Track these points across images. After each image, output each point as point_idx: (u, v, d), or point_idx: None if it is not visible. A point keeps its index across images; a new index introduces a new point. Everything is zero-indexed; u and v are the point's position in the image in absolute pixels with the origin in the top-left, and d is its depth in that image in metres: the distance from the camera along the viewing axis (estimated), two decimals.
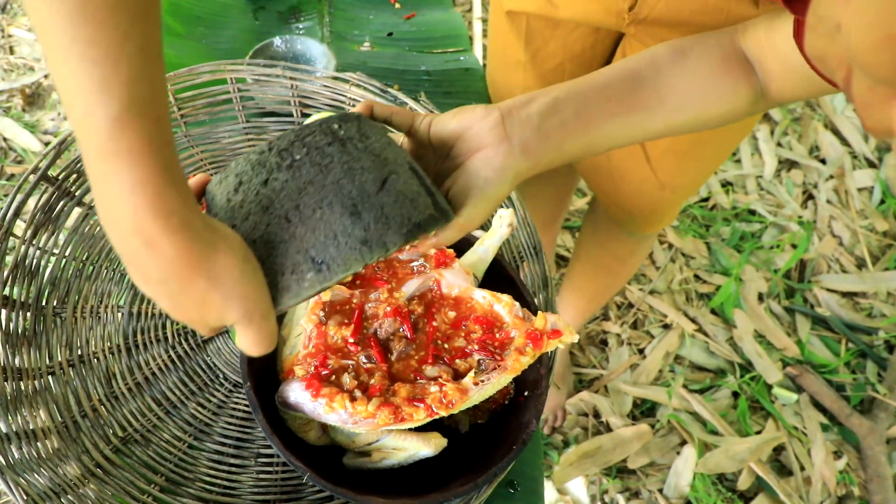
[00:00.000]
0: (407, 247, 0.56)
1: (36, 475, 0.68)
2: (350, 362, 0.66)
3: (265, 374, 0.73)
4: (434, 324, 0.70)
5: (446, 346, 0.69)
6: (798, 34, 0.56)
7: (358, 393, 0.63)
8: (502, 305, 0.70)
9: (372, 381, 0.64)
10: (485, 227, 0.84)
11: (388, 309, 0.68)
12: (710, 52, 0.65)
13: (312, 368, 0.65)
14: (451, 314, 0.70)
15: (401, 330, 0.68)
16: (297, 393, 0.64)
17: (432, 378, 0.66)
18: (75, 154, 0.85)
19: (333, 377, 0.65)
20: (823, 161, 2.07)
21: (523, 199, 0.88)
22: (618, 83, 0.64)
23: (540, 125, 0.61)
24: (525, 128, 0.60)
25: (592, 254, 1.35)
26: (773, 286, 1.81)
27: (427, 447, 0.66)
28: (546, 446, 1.53)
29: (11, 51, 2.07)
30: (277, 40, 1.09)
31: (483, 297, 0.71)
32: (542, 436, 1.54)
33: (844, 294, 1.82)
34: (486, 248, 0.78)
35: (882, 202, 2.00)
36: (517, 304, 0.70)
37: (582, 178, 1.27)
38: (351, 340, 0.67)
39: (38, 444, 0.70)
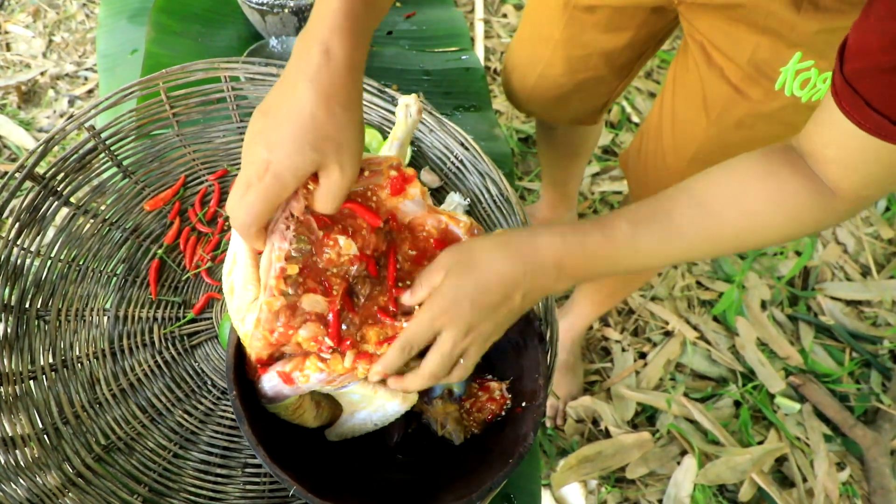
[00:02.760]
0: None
1: (13, 485, 0.65)
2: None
3: (252, 382, 0.71)
4: (397, 258, 0.67)
5: (409, 282, 0.65)
6: (839, 95, 0.50)
7: (326, 354, 0.60)
8: (460, 227, 0.68)
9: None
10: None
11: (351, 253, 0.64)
12: (750, 156, 0.60)
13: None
14: (412, 253, 0.67)
15: (364, 272, 0.64)
16: (272, 384, 0.62)
17: (405, 313, 0.63)
18: (63, 152, 0.83)
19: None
20: None
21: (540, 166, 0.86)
22: (652, 213, 0.60)
23: (545, 227, 0.60)
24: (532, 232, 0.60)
25: None
26: (777, 294, 1.78)
27: (395, 399, 0.64)
28: (543, 454, 1.51)
29: (8, 47, 2.05)
30: (273, 40, 1.07)
31: (439, 221, 0.68)
32: (542, 440, 1.51)
33: (849, 302, 1.79)
34: (399, 143, 0.76)
35: (887, 210, 1.97)
36: (477, 225, 0.69)
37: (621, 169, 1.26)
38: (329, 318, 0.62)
39: (17, 451, 0.68)
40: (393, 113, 0.97)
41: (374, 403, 0.65)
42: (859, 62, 0.48)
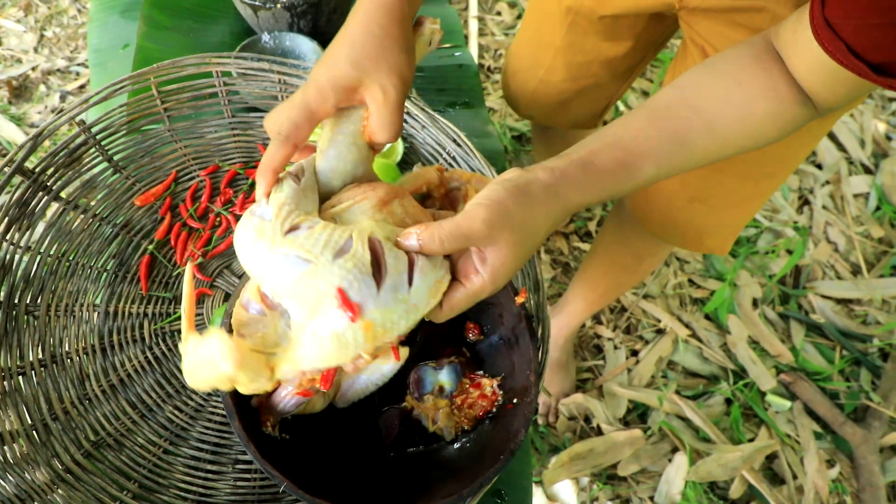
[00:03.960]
0: None
1: (1, 481, 0.65)
2: None
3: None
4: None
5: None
6: (819, 34, 0.53)
7: None
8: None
9: None
10: None
11: None
12: (739, 51, 0.61)
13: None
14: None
15: None
16: (293, 401, 0.62)
17: None
18: (53, 147, 0.82)
19: None
20: (819, 166, 2.06)
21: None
22: (649, 118, 0.61)
23: (572, 174, 0.58)
24: (553, 175, 0.57)
25: (612, 249, 1.33)
26: (768, 292, 1.79)
27: (388, 361, 0.62)
28: (535, 451, 1.51)
29: None
30: (266, 36, 1.07)
31: None
32: (534, 437, 1.51)
33: (839, 301, 1.81)
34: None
35: (878, 208, 1.98)
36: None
37: None
38: None
39: (6, 447, 0.68)
40: None
41: (369, 367, 0.64)
42: (843, 14, 0.50)
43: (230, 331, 0.66)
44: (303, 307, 0.53)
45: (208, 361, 0.52)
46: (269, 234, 0.54)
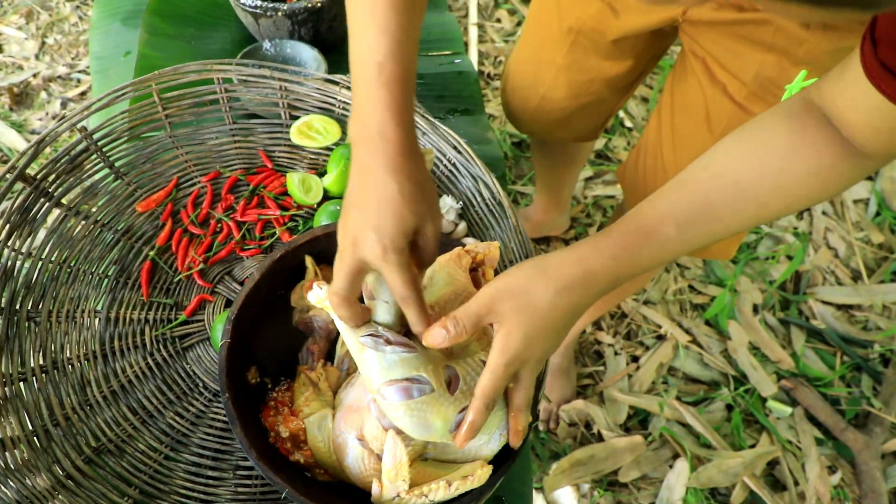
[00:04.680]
0: None
1: (2, 487, 0.65)
2: None
3: (244, 384, 0.71)
4: None
5: None
6: (874, 76, 0.50)
7: None
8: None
9: None
10: None
11: None
12: (770, 113, 0.59)
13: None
14: None
15: None
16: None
17: None
18: (55, 153, 0.83)
19: None
20: None
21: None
22: (671, 185, 0.60)
23: (583, 244, 0.59)
24: (564, 251, 0.59)
25: None
26: (768, 298, 1.79)
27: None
28: (536, 458, 1.51)
29: (0, 49, 2.04)
30: (267, 43, 1.07)
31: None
32: (535, 443, 1.51)
33: (840, 306, 1.80)
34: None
35: (878, 214, 1.98)
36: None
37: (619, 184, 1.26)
38: None
39: (7, 454, 0.68)
40: None
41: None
42: (894, 50, 0.48)
43: (231, 337, 0.67)
44: None
45: None
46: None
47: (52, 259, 0.82)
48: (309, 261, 0.77)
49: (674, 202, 0.59)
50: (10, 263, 0.77)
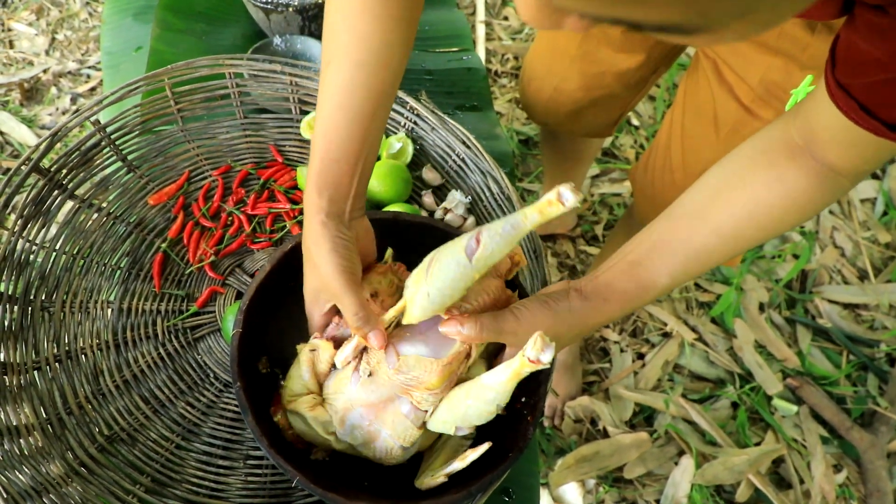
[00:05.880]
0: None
1: (17, 473, 0.66)
2: None
3: (255, 374, 0.71)
4: None
5: None
6: (834, 94, 0.52)
7: None
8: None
9: None
10: None
11: None
12: (747, 146, 0.63)
13: None
14: None
15: None
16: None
17: None
18: (69, 145, 0.84)
19: None
20: None
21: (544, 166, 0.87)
22: (662, 237, 0.66)
23: (595, 299, 0.65)
24: (580, 297, 0.65)
25: None
26: (775, 296, 1.79)
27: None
28: (542, 453, 1.51)
29: (11, 45, 2.06)
30: (277, 39, 1.08)
31: None
32: (540, 439, 1.52)
33: (846, 305, 1.80)
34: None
35: (885, 214, 1.98)
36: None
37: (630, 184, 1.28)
38: None
39: (21, 441, 0.69)
40: (395, 111, 0.98)
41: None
42: (850, 72, 0.50)
43: (243, 327, 0.67)
44: None
45: None
46: None
47: (66, 250, 0.83)
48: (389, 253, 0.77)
49: (668, 259, 0.65)
50: (24, 254, 0.78)
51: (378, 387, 0.64)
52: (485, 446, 0.64)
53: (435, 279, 0.58)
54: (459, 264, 0.57)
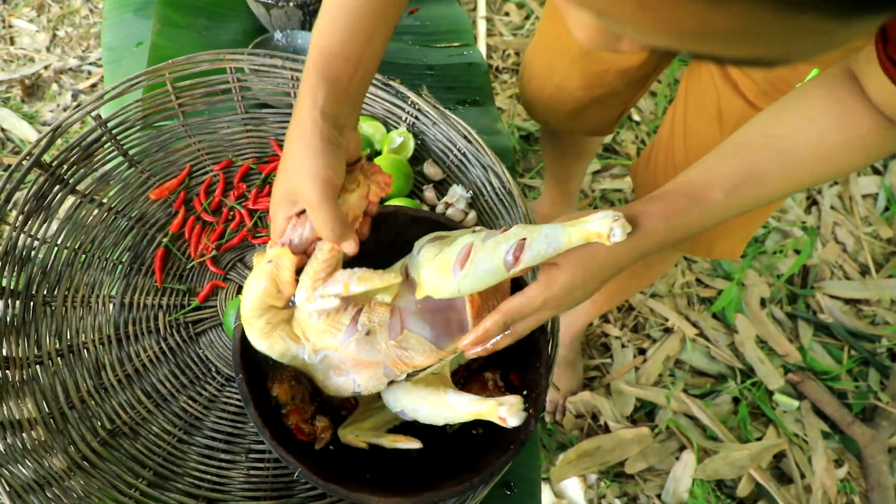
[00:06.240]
0: None
1: (20, 466, 0.66)
2: None
3: (258, 366, 0.71)
4: None
5: None
6: (887, 69, 0.52)
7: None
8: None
9: None
10: None
11: None
12: (812, 84, 0.61)
13: None
14: None
15: None
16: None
17: None
18: (70, 141, 0.84)
19: None
20: None
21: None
22: (717, 154, 0.62)
23: (643, 208, 0.60)
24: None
25: None
26: (776, 291, 1.79)
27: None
28: (543, 448, 1.51)
29: (12, 41, 2.06)
30: (278, 34, 1.08)
31: None
32: (542, 434, 1.52)
33: (847, 301, 1.80)
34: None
35: (886, 209, 1.98)
36: None
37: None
38: None
39: (24, 434, 0.69)
40: (396, 105, 0.98)
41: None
42: None
43: (244, 332, 0.68)
44: None
45: None
46: None
47: (68, 245, 0.83)
48: None
49: (721, 169, 0.60)
50: (26, 249, 0.78)
51: (372, 349, 0.65)
52: (415, 443, 0.66)
53: (467, 279, 0.60)
54: (497, 272, 0.59)
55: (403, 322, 0.65)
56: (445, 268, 0.61)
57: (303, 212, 0.65)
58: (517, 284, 0.71)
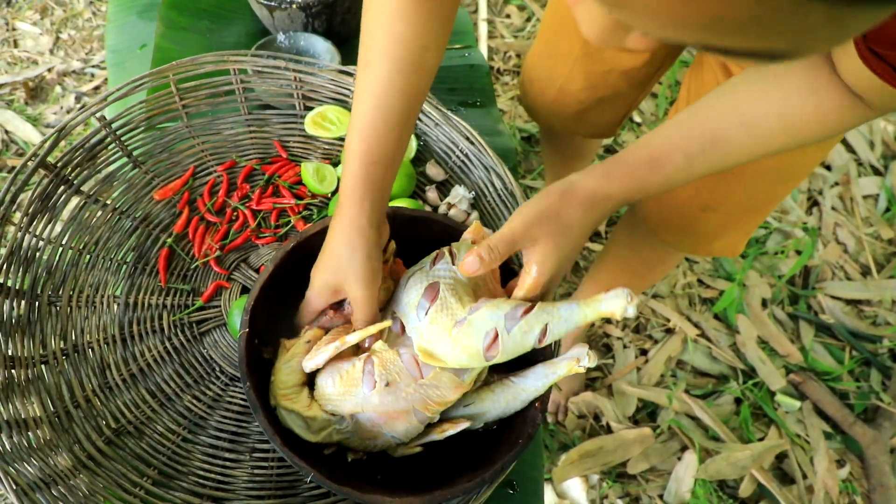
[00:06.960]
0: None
1: (26, 465, 0.66)
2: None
3: (265, 373, 0.72)
4: None
5: None
6: (866, 59, 0.52)
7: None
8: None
9: None
10: None
11: None
12: (792, 71, 0.61)
13: None
14: None
15: None
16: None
17: None
18: (74, 142, 0.84)
19: None
20: (829, 168, 2.06)
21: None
22: (681, 117, 0.63)
23: (597, 171, 0.63)
24: (579, 175, 0.64)
25: (622, 255, 1.33)
26: (777, 292, 1.79)
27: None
28: (545, 449, 1.51)
29: (15, 44, 2.07)
30: (281, 35, 1.08)
31: None
32: (544, 435, 1.52)
33: (849, 301, 1.80)
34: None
35: (887, 210, 1.98)
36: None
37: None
38: None
39: (30, 433, 0.69)
40: None
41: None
42: (886, 45, 0.50)
43: (249, 327, 0.68)
44: None
45: None
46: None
47: (72, 246, 0.83)
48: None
49: (684, 133, 0.62)
50: (31, 250, 0.79)
51: (397, 398, 0.65)
52: (464, 424, 0.67)
53: (495, 359, 0.63)
54: (522, 351, 0.64)
55: (420, 365, 0.66)
56: (475, 354, 0.63)
57: (340, 303, 0.71)
58: (507, 270, 0.73)
